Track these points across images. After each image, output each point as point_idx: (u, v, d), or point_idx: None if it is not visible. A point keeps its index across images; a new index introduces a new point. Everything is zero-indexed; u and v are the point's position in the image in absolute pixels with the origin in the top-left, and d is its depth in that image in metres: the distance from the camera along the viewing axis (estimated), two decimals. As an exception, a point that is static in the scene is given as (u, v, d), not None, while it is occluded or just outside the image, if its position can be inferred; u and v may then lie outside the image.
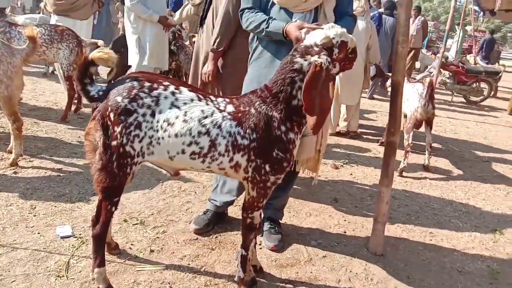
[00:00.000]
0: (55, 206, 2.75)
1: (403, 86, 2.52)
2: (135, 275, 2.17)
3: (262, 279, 2.25)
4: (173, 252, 2.41)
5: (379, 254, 2.63)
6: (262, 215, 2.18)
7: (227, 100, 1.95)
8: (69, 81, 4.57)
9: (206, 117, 1.83)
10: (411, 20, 7.90)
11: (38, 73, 6.90)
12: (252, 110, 1.89)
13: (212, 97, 1.92)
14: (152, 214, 2.81)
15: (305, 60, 1.83)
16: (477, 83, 9.23)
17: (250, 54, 2.55)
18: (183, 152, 1.85)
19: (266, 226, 2.67)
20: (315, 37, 1.87)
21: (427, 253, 2.74)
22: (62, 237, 2.41)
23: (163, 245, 2.47)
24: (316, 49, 1.84)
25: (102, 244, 2.01)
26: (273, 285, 2.24)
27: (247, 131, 1.86)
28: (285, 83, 1.87)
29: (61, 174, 3.23)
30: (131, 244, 2.44)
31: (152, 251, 2.40)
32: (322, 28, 1.89)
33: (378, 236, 2.63)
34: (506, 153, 5.40)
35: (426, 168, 4.36)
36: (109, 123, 1.81)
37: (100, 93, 1.86)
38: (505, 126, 7.22)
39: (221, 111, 1.87)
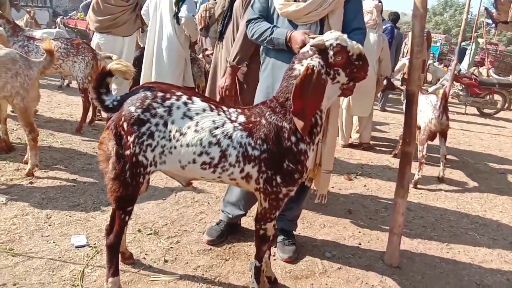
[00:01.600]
0: (70, 216, 2.77)
1: (418, 96, 2.51)
2: (149, 285, 2.17)
3: (276, 291, 2.23)
4: (187, 263, 2.40)
5: (395, 266, 2.58)
6: (276, 226, 2.16)
7: (239, 110, 1.94)
8: (84, 94, 4.64)
9: (217, 128, 1.83)
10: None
11: (54, 86, 7.03)
12: (263, 121, 1.88)
13: (224, 108, 1.92)
14: (166, 224, 2.81)
15: (302, 65, 1.83)
16: (491, 95, 9.15)
17: (260, 66, 2.57)
18: (194, 162, 1.84)
19: (280, 237, 2.64)
20: (312, 42, 1.87)
21: (444, 265, 2.68)
22: (77, 247, 2.42)
23: (177, 255, 2.47)
24: (310, 52, 1.84)
25: (116, 253, 2.01)
26: (288, 297, 2.22)
27: (258, 141, 1.85)
28: (288, 91, 1.85)
29: (75, 185, 3.26)
30: (145, 254, 2.43)
31: (166, 261, 2.39)
32: None
33: (394, 247, 2.59)
34: (522, 165, 5.32)
35: (441, 180, 4.30)
36: (122, 132, 1.82)
37: (115, 103, 1.88)
38: (520, 138, 7.11)
39: (232, 121, 1.87)
